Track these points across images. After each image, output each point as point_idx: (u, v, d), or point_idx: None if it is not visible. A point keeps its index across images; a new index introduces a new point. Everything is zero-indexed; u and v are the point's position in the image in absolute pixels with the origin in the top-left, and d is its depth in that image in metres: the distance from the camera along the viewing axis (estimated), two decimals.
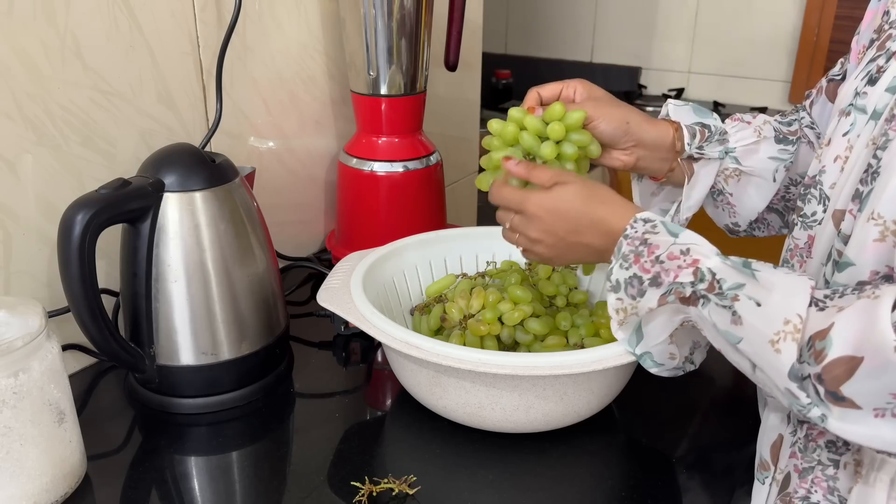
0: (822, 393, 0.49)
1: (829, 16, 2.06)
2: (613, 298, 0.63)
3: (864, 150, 0.57)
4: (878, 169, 0.54)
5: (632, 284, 0.61)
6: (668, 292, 0.59)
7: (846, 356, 0.48)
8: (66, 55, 0.78)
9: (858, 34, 0.68)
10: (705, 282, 0.57)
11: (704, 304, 0.57)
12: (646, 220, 0.62)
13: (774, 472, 0.64)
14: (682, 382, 0.79)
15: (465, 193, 1.56)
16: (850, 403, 0.48)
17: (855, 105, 0.60)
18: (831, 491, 0.59)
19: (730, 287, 0.55)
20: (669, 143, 0.75)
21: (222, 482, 0.70)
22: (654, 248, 0.60)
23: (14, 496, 0.61)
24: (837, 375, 0.48)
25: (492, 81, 2.47)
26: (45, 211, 0.79)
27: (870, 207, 0.54)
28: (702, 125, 0.76)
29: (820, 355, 0.49)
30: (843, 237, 0.57)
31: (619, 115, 0.73)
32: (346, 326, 0.92)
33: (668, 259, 0.59)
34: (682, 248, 0.59)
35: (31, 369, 0.60)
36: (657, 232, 0.61)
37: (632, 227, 0.62)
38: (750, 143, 0.77)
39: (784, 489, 0.62)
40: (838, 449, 0.59)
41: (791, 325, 0.51)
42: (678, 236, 0.60)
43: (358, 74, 1.03)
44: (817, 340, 0.49)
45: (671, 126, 0.76)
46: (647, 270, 0.60)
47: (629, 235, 0.62)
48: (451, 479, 0.69)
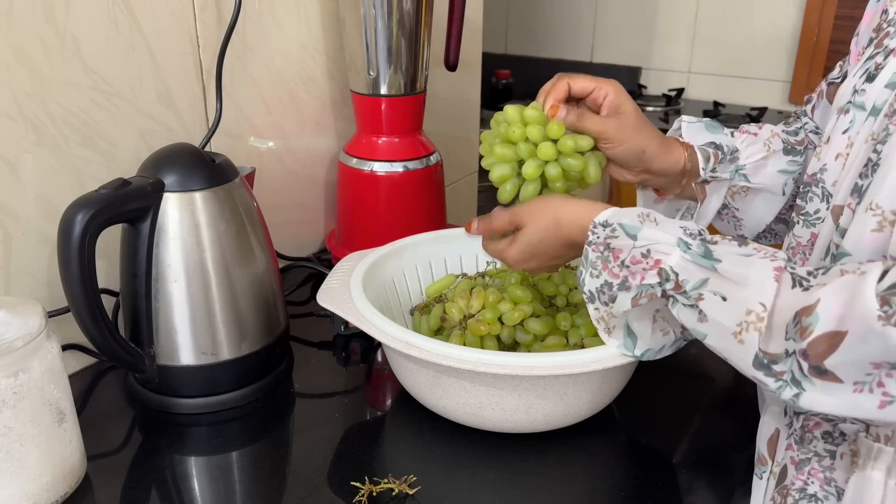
0: (805, 368, 0.50)
1: (829, 16, 2.06)
2: (592, 309, 0.65)
3: (864, 146, 0.57)
4: (878, 162, 0.54)
5: (603, 292, 0.62)
6: (638, 295, 0.60)
7: (830, 331, 0.48)
8: (66, 55, 0.78)
9: (857, 35, 0.68)
10: (671, 281, 0.58)
11: (673, 304, 0.58)
12: (604, 225, 0.62)
13: (772, 466, 0.64)
14: (682, 382, 0.79)
15: (465, 193, 1.56)
16: (833, 377, 0.49)
17: (853, 102, 0.60)
18: (828, 482, 0.59)
19: (693, 287, 0.56)
20: (680, 170, 0.75)
21: (222, 482, 0.70)
22: (617, 251, 0.61)
23: (14, 496, 0.61)
24: (822, 351, 0.49)
25: (492, 81, 2.47)
26: (45, 211, 0.79)
27: (868, 199, 0.54)
28: (714, 146, 0.75)
29: (805, 331, 0.49)
30: (842, 231, 0.57)
31: (636, 143, 0.71)
32: (346, 326, 0.92)
33: (632, 263, 0.60)
34: (643, 250, 0.59)
35: (31, 369, 0.60)
36: (617, 236, 0.61)
37: (592, 232, 0.63)
38: (759, 160, 0.76)
39: (781, 482, 0.62)
40: (835, 440, 0.59)
41: (753, 314, 0.52)
42: (636, 238, 0.60)
43: (358, 74, 1.03)
44: (803, 317, 0.50)
45: (684, 149, 0.74)
46: (616, 275, 0.61)
47: (592, 242, 0.63)
48: (451, 479, 0.69)
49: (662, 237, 0.59)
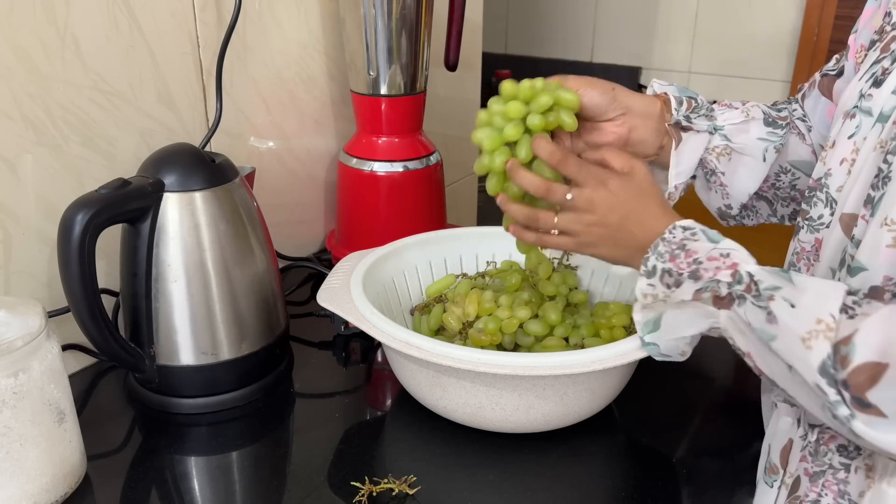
0: (847, 399, 0.49)
1: (829, 16, 2.06)
2: (644, 283, 0.63)
3: (872, 154, 0.57)
4: (889, 174, 0.54)
5: (669, 273, 0.61)
6: (704, 288, 0.59)
7: (870, 362, 0.48)
8: (66, 55, 0.78)
9: (856, 32, 0.68)
10: (743, 283, 0.57)
11: (741, 304, 0.57)
12: (685, 227, 0.62)
13: (784, 476, 0.64)
14: (682, 382, 0.79)
15: (465, 193, 1.56)
16: (876, 411, 0.48)
17: (860, 107, 0.60)
18: (842, 495, 0.58)
19: (766, 288, 0.55)
20: (658, 114, 0.75)
21: (222, 482, 0.70)
22: (691, 252, 0.60)
23: (14, 496, 0.61)
24: (862, 382, 0.48)
25: (492, 81, 2.46)
26: (45, 211, 0.79)
27: (882, 213, 0.54)
28: (688, 97, 0.77)
29: (845, 361, 0.49)
30: (857, 242, 0.57)
31: (604, 84, 0.72)
32: (346, 326, 0.92)
33: (708, 260, 0.59)
34: (722, 251, 0.60)
35: (31, 369, 0.60)
36: (697, 239, 0.61)
37: (671, 231, 0.62)
38: (738, 123, 0.77)
39: (794, 492, 0.61)
40: (850, 453, 0.59)
41: (823, 324, 0.51)
42: (718, 242, 0.60)
43: (358, 74, 1.03)
44: (842, 346, 0.49)
45: (658, 98, 0.76)
46: (683, 267, 0.60)
47: (666, 239, 0.62)
48: (451, 479, 0.69)
49: (743, 250, 0.60)
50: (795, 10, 2.14)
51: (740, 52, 2.25)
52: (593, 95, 0.71)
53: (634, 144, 0.76)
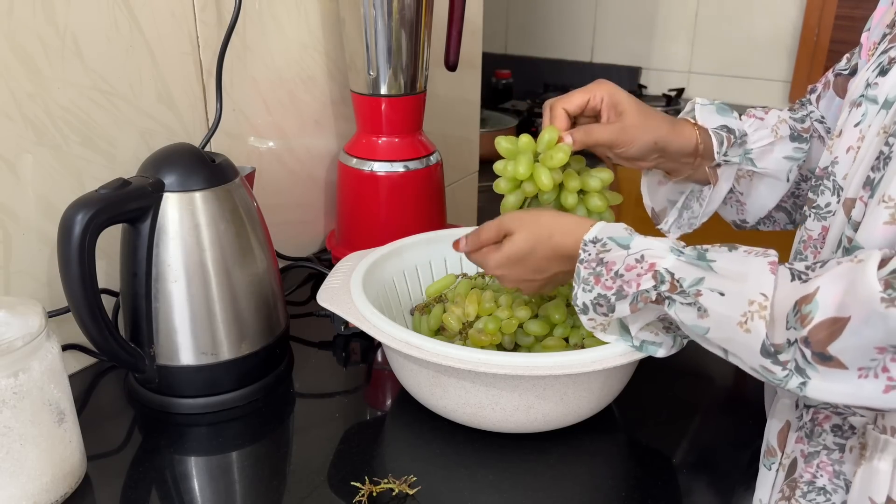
0: (808, 356, 0.50)
1: (829, 16, 2.06)
2: (585, 319, 0.65)
3: (875, 139, 0.57)
4: (891, 154, 0.55)
5: (599, 304, 0.62)
6: (634, 300, 0.60)
7: (831, 317, 0.49)
8: (66, 55, 0.78)
9: (869, 30, 0.68)
10: (666, 283, 0.58)
11: (671, 305, 0.58)
12: (594, 241, 0.63)
13: (781, 458, 0.64)
14: (682, 382, 0.79)
15: (465, 193, 1.56)
16: (837, 363, 0.49)
17: (866, 95, 0.60)
18: (837, 475, 0.59)
19: (690, 284, 0.56)
20: (692, 150, 0.74)
21: (222, 482, 0.70)
22: (610, 264, 0.61)
23: (14, 496, 0.61)
24: (823, 337, 0.49)
25: (492, 81, 2.47)
26: (45, 211, 0.79)
27: (881, 191, 0.54)
28: (727, 129, 0.75)
29: (806, 319, 0.50)
30: (854, 224, 0.57)
31: (647, 138, 0.71)
32: (346, 326, 0.92)
33: (627, 271, 0.60)
34: (636, 256, 0.60)
35: (31, 369, 0.60)
36: (609, 249, 0.62)
37: (584, 251, 0.63)
38: (766, 144, 0.77)
39: (791, 474, 0.62)
40: (844, 433, 0.59)
41: (756, 304, 0.52)
42: (629, 247, 0.61)
43: (358, 74, 1.03)
44: (803, 305, 0.50)
45: (695, 130, 0.74)
46: (609, 287, 0.61)
47: (584, 260, 0.63)
48: (451, 479, 0.69)
49: (655, 244, 0.60)
50: (795, 10, 2.14)
51: (740, 52, 2.25)
52: (635, 153, 0.72)
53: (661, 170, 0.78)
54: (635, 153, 0.72)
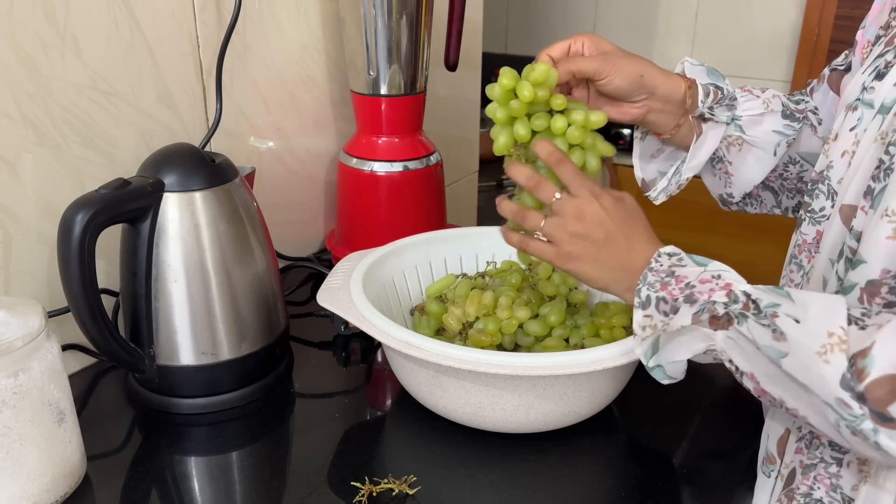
0: (867, 413, 0.48)
1: (829, 16, 2.06)
2: (641, 315, 0.61)
3: (873, 145, 0.57)
4: (892, 165, 0.54)
5: (664, 301, 0.59)
6: (701, 311, 0.57)
7: (890, 374, 0.46)
8: (66, 55, 0.78)
9: (864, 27, 0.68)
10: (739, 303, 0.55)
11: (741, 322, 0.55)
12: (671, 254, 0.61)
13: (780, 467, 0.64)
14: (683, 382, 0.79)
15: (465, 193, 1.56)
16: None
17: (862, 100, 0.60)
18: (834, 488, 0.58)
19: (767, 305, 0.54)
20: (680, 98, 0.74)
21: (222, 482, 0.70)
22: (682, 277, 0.59)
23: (14, 496, 0.61)
24: (882, 396, 0.47)
25: (492, 81, 2.47)
26: (45, 211, 0.79)
27: (884, 205, 0.53)
28: (715, 86, 0.75)
29: (862, 374, 0.47)
30: (856, 234, 0.57)
31: (632, 69, 0.71)
32: (346, 326, 0.92)
33: (700, 283, 0.58)
34: (713, 273, 0.58)
35: (31, 369, 0.60)
36: (684, 264, 0.60)
37: (656, 260, 0.61)
38: (756, 114, 0.77)
39: (789, 484, 0.62)
40: (842, 448, 0.58)
41: (836, 336, 0.49)
42: (707, 266, 0.59)
43: (358, 74, 1.03)
44: (859, 359, 0.48)
45: (684, 81, 0.74)
46: (677, 295, 0.58)
47: (654, 268, 0.61)
48: (451, 479, 0.69)
49: (732, 271, 0.59)
50: (795, 10, 2.14)
51: (740, 52, 2.25)
52: (620, 84, 0.71)
53: (649, 124, 0.76)
54: (620, 83, 0.71)
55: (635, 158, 0.83)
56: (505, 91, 0.69)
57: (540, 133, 0.70)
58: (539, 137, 0.69)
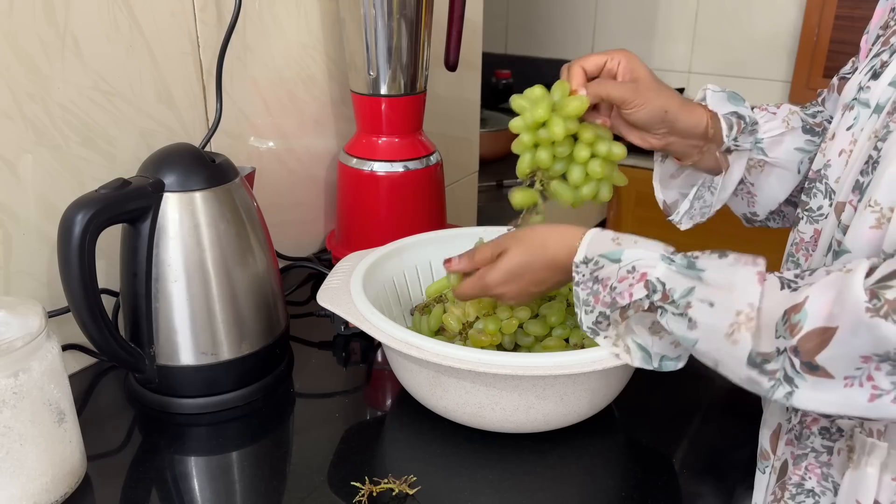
0: (797, 365, 0.50)
1: (829, 16, 2.06)
2: (601, 339, 0.65)
3: (867, 143, 0.57)
4: (879, 159, 0.55)
5: (599, 322, 0.63)
6: (626, 308, 0.60)
7: (819, 327, 0.49)
8: (66, 55, 0.78)
9: (867, 33, 0.68)
10: (658, 292, 0.58)
11: (662, 314, 0.58)
12: (585, 262, 0.63)
13: (773, 461, 0.65)
14: (682, 382, 0.79)
15: (465, 193, 1.56)
16: (824, 372, 0.49)
17: (858, 99, 0.60)
18: (825, 477, 0.59)
19: (681, 295, 0.56)
20: (702, 132, 0.74)
21: (222, 482, 0.70)
22: (605, 280, 0.61)
23: (14, 496, 0.61)
24: (812, 347, 0.49)
25: (492, 81, 2.46)
26: (45, 211, 0.79)
27: (868, 196, 0.54)
28: (737, 116, 0.75)
29: (795, 328, 0.50)
30: (843, 227, 0.57)
31: (658, 103, 0.71)
32: (346, 326, 0.92)
33: (619, 282, 0.60)
34: (628, 267, 0.60)
35: (31, 369, 0.60)
36: (601, 266, 0.62)
37: (577, 272, 0.63)
38: (776, 135, 0.76)
39: (781, 476, 0.62)
40: (832, 436, 0.59)
41: (743, 314, 0.53)
42: (620, 259, 0.61)
43: (358, 74, 1.03)
44: (792, 314, 0.50)
45: (706, 113, 0.74)
46: (606, 303, 0.61)
47: (579, 282, 0.63)
48: (451, 479, 0.69)
49: (645, 254, 0.60)
50: (795, 10, 2.14)
51: (740, 52, 2.25)
52: (644, 117, 0.71)
53: (669, 152, 0.77)
54: (644, 117, 0.71)
55: (655, 182, 0.83)
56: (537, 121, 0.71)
57: (561, 160, 0.73)
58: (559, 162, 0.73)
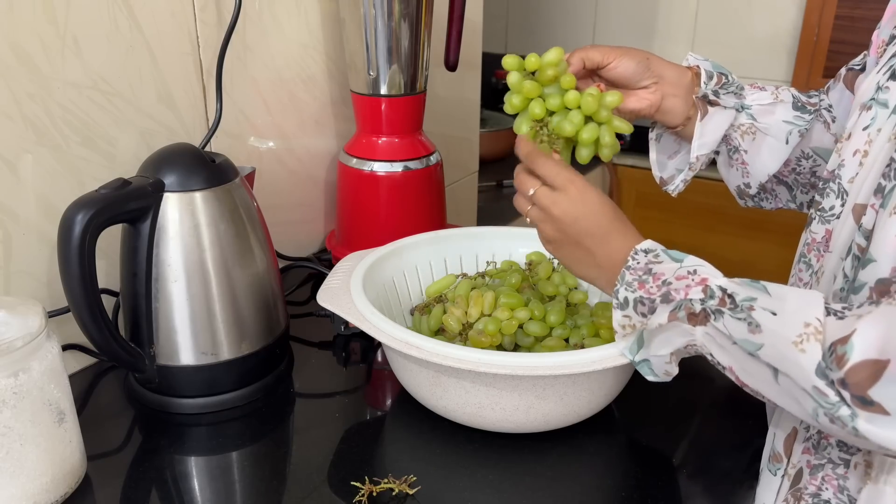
0: (847, 398, 0.48)
1: (829, 16, 2.06)
2: (620, 315, 0.63)
3: (887, 145, 0.57)
4: None
5: (641, 303, 0.61)
6: (677, 308, 0.58)
7: (870, 359, 0.47)
8: (66, 55, 0.78)
9: (879, 28, 0.68)
10: (715, 298, 0.56)
11: (718, 318, 0.56)
12: (647, 251, 0.62)
13: (787, 466, 0.64)
14: (682, 382, 0.79)
15: (465, 193, 1.56)
16: (879, 408, 0.47)
17: (876, 99, 0.60)
18: (841, 490, 0.58)
19: (743, 299, 0.55)
20: (689, 84, 0.77)
21: (222, 482, 0.70)
22: (659, 275, 0.60)
23: (14, 496, 0.61)
24: (862, 380, 0.47)
25: (492, 81, 2.47)
26: (45, 211, 0.79)
27: (893, 202, 0.53)
28: (720, 73, 0.78)
29: (842, 360, 0.48)
30: (865, 232, 0.57)
31: (638, 54, 0.75)
32: (346, 326, 0.92)
33: (676, 280, 0.59)
34: (689, 269, 0.59)
35: (31, 369, 0.60)
36: (661, 261, 0.61)
37: (633, 258, 0.62)
38: (766, 104, 0.78)
39: (796, 484, 0.62)
40: (849, 448, 0.58)
41: (812, 327, 0.50)
42: (683, 261, 0.60)
43: (358, 74, 1.03)
44: (839, 346, 0.48)
45: (690, 70, 0.78)
46: (654, 292, 0.60)
47: (631, 266, 0.62)
48: (451, 479, 0.69)
49: (708, 265, 0.60)
50: (795, 10, 2.14)
51: (740, 52, 2.25)
52: (628, 65, 0.74)
53: (664, 113, 0.78)
54: (628, 65, 0.74)
55: (652, 158, 0.85)
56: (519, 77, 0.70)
57: (557, 112, 0.70)
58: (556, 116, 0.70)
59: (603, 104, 0.69)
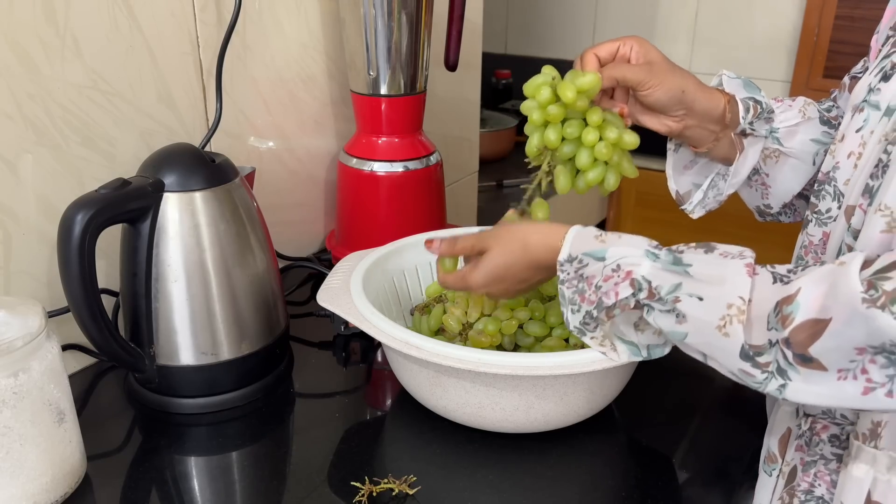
0: (790, 357, 0.50)
1: (829, 16, 2.06)
2: (589, 340, 0.64)
3: (877, 146, 0.57)
4: (889, 163, 0.54)
5: (587, 323, 0.62)
6: (612, 307, 0.59)
7: (812, 318, 0.49)
8: (66, 55, 0.78)
9: (878, 33, 0.68)
10: (644, 290, 0.57)
11: (649, 312, 0.58)
12: (570, 260, 0.62)
13: (781, 465, 0.64)
14: (682, 382, 0.79)
15: (465, 193, 1.56)
16: (818, 364, 0.49)
17: (868, 101, 0.60)
18: (834, 484, 0.59)
19: (668, 291, 0.56)
20: (719, 115, 0.73)
21: (222, 482, 0.70)
22: (590, 279, 0.61)
23: (14, 496, 0.61)
24: (804, 339, 0.49)
25: (492, 81, 2.47)
26: (45, 211, 0.79)
27: (878, 200, 0.54)
28: (754, 100, 0.74)
29: (787, 319, 0.50)
30: (854, 231, 0.57)
31: (674, 83, 0.71)
32: (346, 326, 0.92)
33: (605, 281, 0.59)
34: (612, 266, 0.59)
35: (31, 369, 0.60)
36: (586, 264, 0.61)
37: (562, 271, 0.63)
38: (792, 125, 0.76)
39: (790, 482, 0.62)
40: (842, 443, 0.59)
41: (734, 307, 0.52)
42: (605, 258, 0.60)
43: (358, 74, 1.03)
44: (784, 306, 0.50)
45: (724, 97, 0.74)
46: (592, 302, 0.61)
47: (564, 280, 0.63)
48: (451, 479, 0.69)
49: (630, 251, 0.59)
50: (795, 10, 2.14)
51: (740, 52, 2.25)
52: (660, 97, 0.71)
53: (684, 138, 0.76)
54: (661, 97, 0.71)
55: (669, 171, 0.82)
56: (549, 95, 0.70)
57: (569, 141, 0.72)
58: (568, 145, 0.72)
59: (617, 151, 0.70)
